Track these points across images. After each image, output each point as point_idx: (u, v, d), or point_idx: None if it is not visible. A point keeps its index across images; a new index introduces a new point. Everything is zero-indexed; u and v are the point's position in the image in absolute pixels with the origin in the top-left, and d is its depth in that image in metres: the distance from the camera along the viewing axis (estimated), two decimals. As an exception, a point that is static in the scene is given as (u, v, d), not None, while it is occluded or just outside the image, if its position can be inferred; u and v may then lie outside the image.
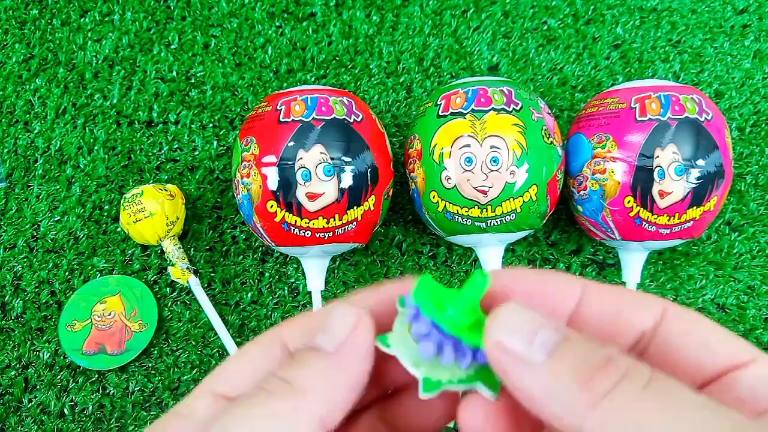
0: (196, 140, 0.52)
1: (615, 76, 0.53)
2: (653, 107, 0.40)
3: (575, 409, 0.13)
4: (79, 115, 0.53)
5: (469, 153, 0.40)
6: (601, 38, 0.54)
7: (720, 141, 0.40)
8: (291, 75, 0.54)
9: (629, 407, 0.13)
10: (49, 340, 0.47)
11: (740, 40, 0.54)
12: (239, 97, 0.53)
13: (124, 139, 0.52)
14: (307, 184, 0.39)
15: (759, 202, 0.50)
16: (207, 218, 0.50)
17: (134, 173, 0.51)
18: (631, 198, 0.40)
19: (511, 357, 0.15)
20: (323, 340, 0.16)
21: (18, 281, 0.48)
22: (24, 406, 0.45)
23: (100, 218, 0.50)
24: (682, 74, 0.53)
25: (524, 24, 0.55)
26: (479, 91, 0.41)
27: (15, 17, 0.56)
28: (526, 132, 0.40)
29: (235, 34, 0.55)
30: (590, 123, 0.43)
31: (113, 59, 0.54)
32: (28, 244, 0.49)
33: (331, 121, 0.40)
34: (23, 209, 0.50)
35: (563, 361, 0.14)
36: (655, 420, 0.12)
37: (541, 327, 0.15)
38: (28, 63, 0.55)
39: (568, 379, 0.14)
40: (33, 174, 0.51)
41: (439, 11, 0.55)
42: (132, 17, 0.55)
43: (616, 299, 0.16)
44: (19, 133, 0.52)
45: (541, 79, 0.53)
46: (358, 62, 0.54)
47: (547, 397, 0.14)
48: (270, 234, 0.42)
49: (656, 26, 0.55)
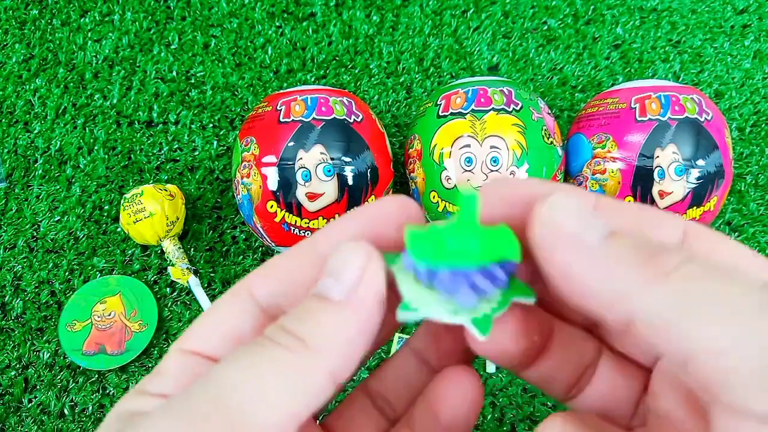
0: (196, 140, 0.52)
1: (615, 76, 0.53)
2: (653, 107, 0.40)
3: (634, 289, 0.13)
4: (79, 115, 0.53)
5: (469, 153, 0.40)
6: (601, 38, 0.54)
7: (720, 141, 0.40)
8: (291, 75, 0.54)
9: (699, 280, 0.12)
10: (49, 340, 0.47)
11: (740, 40, 0.54)
12: (239, 97, 0.53)
13: (124, 139, 0.52)
14: (307, 184, 0.39)
15: (759, 202, 0.50)
16: (207, 218, 0.50)
17: (134, 173, 0.51)
18: (631, 198, 0.40)
19: (564, 238, 0.14)
20: (331, 288, 0.15)
21: (18, 281, 0.48)
22: (24, 406, 0.45)
23: (100, 218, 0.50)
24: (682, 74, 0.53)
25: (524, 24, 0.55)
26: (479, 91, 0.41)
27: (15, 17, 0.56)
28: (526, 132, 0.40)
29: (235, 34, 0.55)
30: (590, 123, 0.43)
31: (113, 59, 0.54)
32: (28, 244, 0.49)
33: (331, 121, 0.40)
34: (23, 209, 0.50)
35: (621, 243, 0.13)
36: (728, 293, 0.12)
37: (592, 214, 0.14)
38: (28, 63, 0.55)
39: (628, 259, 0.13)
40: (33, 174, 0.51)
41: (439, 11, 0.55)
42: (132, 17, 0.55)
43: (633, 215, 0.15)
44: (19, 133, 0.52)
45: (541, 79, 0.53)
46: (358, 62, 0.54)
47: (600, 281, 0.13)
48: (270, 234, 0.42)
49: (656, 26, 0.55)
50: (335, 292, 0.15)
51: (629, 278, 0.13)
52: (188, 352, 0.16)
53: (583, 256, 0.13)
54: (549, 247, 0.14)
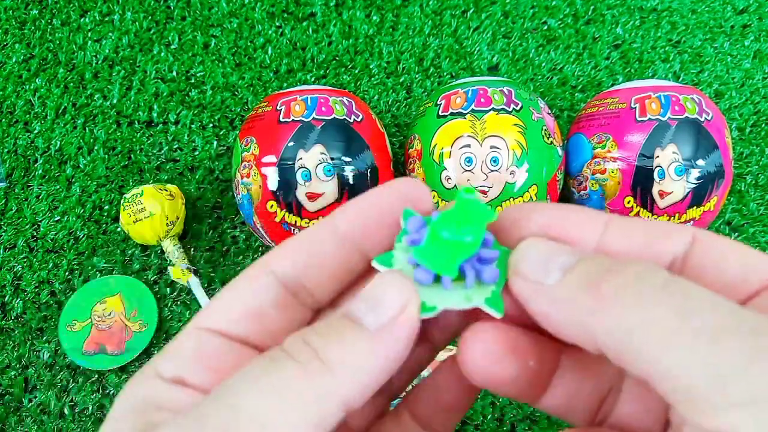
0: (196, 140, 0.52)
1: (615, 76, 0.53)
2: (653, 107, 0.40)
3: (586, 318, 0.13)
4: (79, 115, 0.53)
5: (469, 153, 0.40)
6: (601, 38, 0.54)
7: (720, 141, 0.40)
8: (291, 75, 0.54)
9: (639, 307, 0.12)
10: (49, 340, 0.47)
11: (740, 40, 0.54)
12: (239, 97, 0.53)
13: (124, 139, 0.52)
14: (307, 184, 0.39)
15: (759, 202, 0.50)
16: (207, 218, 0.50)
17: (134, 173, 0.51)
18: (631, 198, 0.40)
19: (529, 286, 0.14)
20: (366, 314, 0.14)
21: (18, 281, 0.48)
22: (24, 406, 0.45)
23: (100, 218, 0.50)
24: (682, 74, 0.53)
25: (524, 24, 0.55)
26: (479, 91, 0.41)
27: (15, 17, 0.56)
28: (526, 132, 0.40)
29: (235, 34, 0.55)
30: (590, 123, 0.43)
31: (113, 59, 0.54)
32: (28, 244, 0.49)
33: (331, 121, 0.40)
34: (23, 209, 0.50)
35: (574, 273, 0.14)
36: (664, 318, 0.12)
37: (559, 253, 0.14)
38: (28, 63, 0.55)
39: (577, 287, 0.13)
40: (33, 174, 0.51)
41: (439, 11, 0.55)
42: (132, 17, 0.55)
43: (642, 229, 0.15)
44: (19, 133, 0.52)
45: (541, 79, 0.53)
46: (358, 62, 0.54)
47: (560, 313, 0.14)
48: (270, 234, 0.42)
49: (656, 26, 0.55)
50: (369, 320, 0.14)
51: (581, 308, 0.13)
52: (207, 330, 0.16)
53: (546, 299, 0.14)
54: (521, 295, 0.15)
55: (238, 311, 0.16)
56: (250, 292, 0.16)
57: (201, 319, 0.16)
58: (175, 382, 0.15)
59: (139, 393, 0.15)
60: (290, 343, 0.14)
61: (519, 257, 0.15)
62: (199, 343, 0.15)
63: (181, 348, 0.15)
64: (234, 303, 0.16)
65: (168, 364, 0.15)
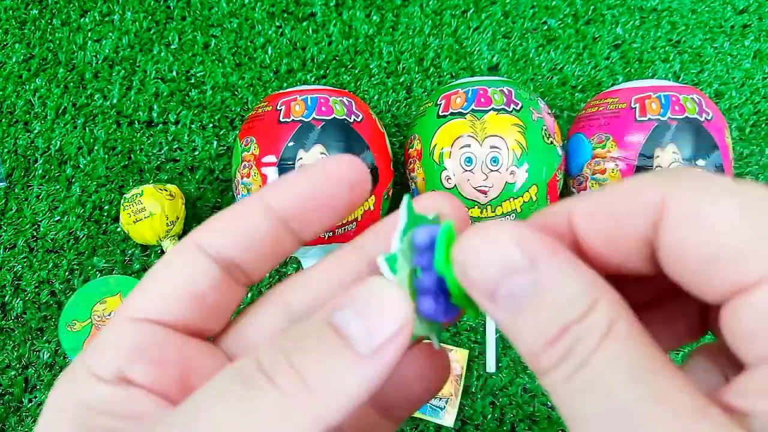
0: (196, 140, 0.52)
1: (615, 76, 0.53)
2: (653, 107, 0.40)
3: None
4: (79, 115, 0.53)
5: (469, 153, 0.40)
6: (601, 38, 0.54)
7: (720, 141, 0.40)
8: (291, 75, 0.54)
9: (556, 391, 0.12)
10: (49, 340, 0.47)
11: (740, 40, 0.54)
12: (239, 97, 0.53)
13: (124, 139, 0.52)
14: (307, 184, 0.39)
15: (759, 202, 0.50)
16: (207, 218, 0.50)
17: (134, 173, 0.51)
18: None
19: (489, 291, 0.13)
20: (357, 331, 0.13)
21: (18, 281, 0.48)
22: (24, 406, 0.45)
23: (100, 218, 0.50)
24: (682, 74, 0.53)
25: (524, 24, 0.55)
26: (479, 91, 0.41)
27: (15, 17, 0.56)
28: (526, 132, 0.40)
29: (235, 34, 0.55)
30: (590, 123, 0.43)
31: (113, 59, 0.54)
32: (28, 244, 0.49)
33: (331, 121, 0.40)
34: (23, 209, 0.50)
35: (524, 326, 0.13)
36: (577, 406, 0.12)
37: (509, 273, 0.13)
38: (28, 63, 0.55)
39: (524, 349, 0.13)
40: (33, 174, 0.51)
41: (439, 11, 0.55)
42: (132, 17, 0.55)
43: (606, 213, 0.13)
44: (19, 133, 0.52)
45: (541, 79, 0.53)
46: (358, 62, 0.54)
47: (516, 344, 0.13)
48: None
49: (656, 26, 0.55)
50: (362, 346, 0.13)
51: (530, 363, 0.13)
52: (139, 320, 0.14)
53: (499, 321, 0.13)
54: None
55: (172, 297, 0.14)
56: (182, 275, 0.15)
57: (130, 308, 0.14)
58: (117, 382, 0.13)
59: (72, 397, 0.13)
60: (266, 356, 0.13)
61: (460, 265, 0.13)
62: (136, 334, 0.14)
63: (116, 342, 0.14)
64: (166, 286, 0.14)
65: (103, 361, 0.13)
